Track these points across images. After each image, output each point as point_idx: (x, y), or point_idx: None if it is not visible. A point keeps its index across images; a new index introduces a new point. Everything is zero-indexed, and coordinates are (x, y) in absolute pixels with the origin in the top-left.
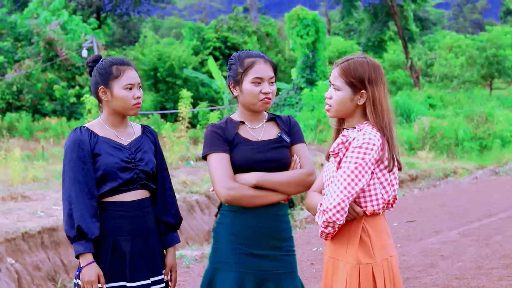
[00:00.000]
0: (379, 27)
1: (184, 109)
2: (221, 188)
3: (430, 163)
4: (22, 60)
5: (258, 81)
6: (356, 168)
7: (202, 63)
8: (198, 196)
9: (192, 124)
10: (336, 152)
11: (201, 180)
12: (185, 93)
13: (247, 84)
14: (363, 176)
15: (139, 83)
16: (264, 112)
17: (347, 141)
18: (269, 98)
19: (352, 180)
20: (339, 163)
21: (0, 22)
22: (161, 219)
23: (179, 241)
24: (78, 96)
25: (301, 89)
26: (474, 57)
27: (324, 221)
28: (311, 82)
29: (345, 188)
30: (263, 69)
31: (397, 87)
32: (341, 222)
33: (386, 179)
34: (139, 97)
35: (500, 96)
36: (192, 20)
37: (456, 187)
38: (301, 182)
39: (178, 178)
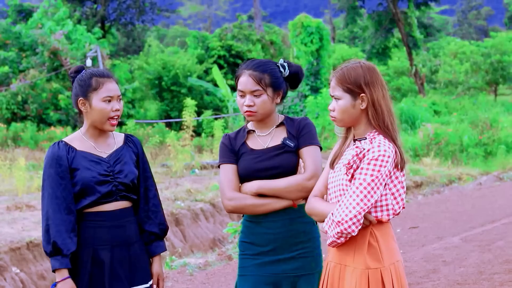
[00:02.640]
0: (384, 34)
1: (189, 117)
2: (223, 199)
3: (435, 170)
4: (27, 70)
5: (241, 94)
6: (372, 180)
7: (207, 72)
8: (202, 204)
9: (197, 133)
10: (351, 164)
11: (206, 189)
12: (190, 102)
13: (237, 94)
14: (378, 188)
15: (119, 96)
16: (278, 116)
17: (361, 152)
18: (251, 111)
19: (368, 192)
20: (353, 174)
21: (5, 33)
22: (144, 229)
23: (165, 250)
24: None
25: (306, 96)
26: (479, 63)
27: (338, 232)
28: (315, 90)
29: (361, 200)
30: (243, 82)
31: (401, 93)
32: (355, 233)
33: (398, 190)
34: (118, 110)
35: (504, 102)
36: (197, 28)
37: (460, 193)
38: (300, 187)
39: (183, 186)
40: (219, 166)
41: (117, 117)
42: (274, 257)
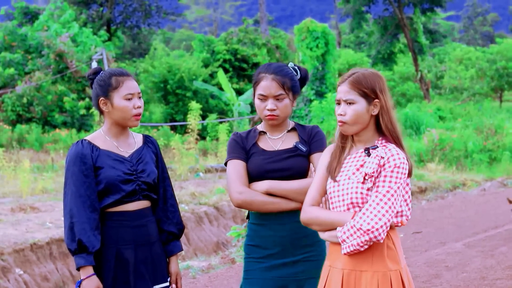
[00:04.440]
0: (389, 39)
1: (194, 121)
2: (232, 192)
3: (439, 175)
4: (32, 72)
5: (262, 98)
6: (398, 188)
7: (212, 75)
8: (206, 207)
9: (202, 136)
10: (373, 173)
11: (210, 192)
12: (195, 105)
13: (256, 98)
14: (400, 195)
15: (139, 93)
16: (290, 122)
17: (380, 160)
18: (274, 115)
19: (395, 199)
20: (375, 182)
21: (11, 35)
22: (162, 229)
23: (182, 250)
24: (88, 108)
25: (311, 101)
26: (484, 70)
27: (366, 240)
28: (320, 94)
29: (389, 207)
30: (267, 86)
31: (407, 99)
32: (382, 241)
33: (409, 196)
34: (140, 107)
35: (510, 108)
36: (203, 32)
37: (463, 199)
38: None
39: (187, 189)
40: (226, 164)
41: (139, 113)
42: (280, 260)
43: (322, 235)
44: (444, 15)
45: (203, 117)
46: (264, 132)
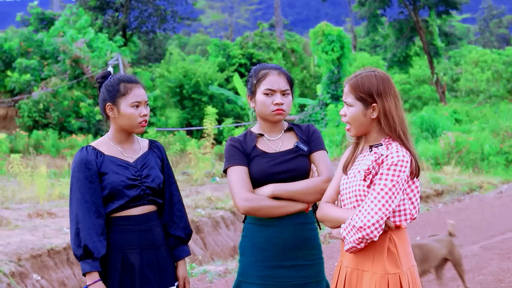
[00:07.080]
0: (405, 42)
1: (210, 125)
2: (238, 200)
3: (455, 178)
4: (48, 78)
5: (270, 92)
6: (393, 186)
7: (228, 80)
8: (223, 212)
9: (218, 141)
10: (370, 170)
11: (226, 196)
12: (211, 110)
13: (259, 94)
14: (398, 193)
15: (146, 101)
16: (284, 122)
17: (379, 158)
18: (282, 109)
19: (390, 197)
20: (372, 180)
21: (27, 41)
22: (169, 233)
23: (189, 254)
24: None
25: (327, 105)
26: (500, 72)
27: (359, 238)
28: (336, 98)
29: (383, 205)
30: (275, 81)
31: (423, 102)
32: (377, 239)
33: (414, 195)
34: (146, 115)
35: None
36: (218, 37)
37: (480, 202)
38: (318, 190)
39: (204, 194)
40: (225, 171)
41: (145, 121)
42: (282, 262)
43: (333, 232)
44: (459, 17)
45: (219, 121)
46: (262, 135)
